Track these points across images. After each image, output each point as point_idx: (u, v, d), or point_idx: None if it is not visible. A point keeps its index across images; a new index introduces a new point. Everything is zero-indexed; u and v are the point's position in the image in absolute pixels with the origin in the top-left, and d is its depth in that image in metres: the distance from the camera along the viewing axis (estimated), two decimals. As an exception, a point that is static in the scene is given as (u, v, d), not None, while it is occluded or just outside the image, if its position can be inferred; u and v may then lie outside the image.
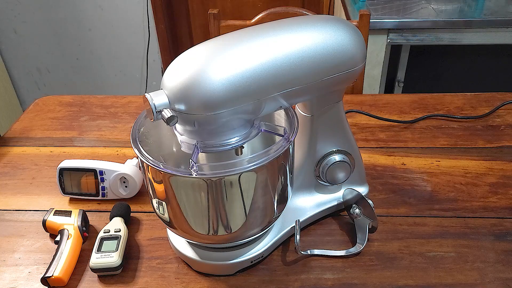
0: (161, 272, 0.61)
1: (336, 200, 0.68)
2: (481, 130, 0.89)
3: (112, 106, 1.02)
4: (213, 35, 1.14)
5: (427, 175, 0.77)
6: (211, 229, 0.54)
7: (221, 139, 0.49)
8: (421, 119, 0.92)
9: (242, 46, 0.47)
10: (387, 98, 1.01)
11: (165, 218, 0.56)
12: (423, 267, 0.60)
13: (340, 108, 0.61)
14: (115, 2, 2.20)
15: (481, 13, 1.57)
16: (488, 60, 1.81)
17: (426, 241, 0.64)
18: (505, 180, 0.75)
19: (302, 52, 0.48)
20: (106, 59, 2.38)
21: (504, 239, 0.64)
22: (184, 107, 0.45)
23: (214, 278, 0.60)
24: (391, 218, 0.68)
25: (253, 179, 0.51)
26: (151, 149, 0.53)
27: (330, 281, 0.59)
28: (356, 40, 0.52)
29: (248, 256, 0.60)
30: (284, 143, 0.51)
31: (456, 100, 0.99)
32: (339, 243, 0.65)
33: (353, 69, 0.53)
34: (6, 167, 0.83)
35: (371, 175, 0.77)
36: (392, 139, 0.87)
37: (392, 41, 1.55)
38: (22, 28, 2.28)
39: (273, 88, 0.48)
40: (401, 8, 1.60)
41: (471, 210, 0.69)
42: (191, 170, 0.47)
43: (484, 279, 0.58)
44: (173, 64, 0.47)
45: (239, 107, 0.46)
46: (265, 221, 0.57)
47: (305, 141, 0.63)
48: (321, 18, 0.53)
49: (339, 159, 0.63)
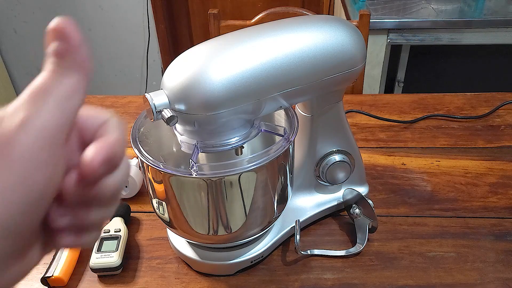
0: (161, 272, 0.61)
1: (336, 200, 0.68)
2: (481, 130, 0.89)
3: (112, 106, 1.02)
4: (213, 35, 1.14)
5: (427, 175, 0.77)
6: (211, 229, 0.54)
7: (221, 139, 0.49)
8: (421, 119, 0.92)
9: (242, 46, 0.47)
10: (387, 98, 1.01)
11: (165, 218, 0.56)
12: (423, 267, 0.60)
13: (340, 108, 0.61)
14: (115, 2, 2.20)
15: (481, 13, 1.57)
16: (488, 60, 1.81)
17: (426, 241, 0.64)
18: (505, 180, 0.75)
19: (302, 52, 0.48)
20: (106, 59, 2.38)
21: (504, 239, 0.64)
22: (184, 107, 0.45)
23: (214, 278, 0.60)
24: (391, 218, 0.68)
25: (253, 179, 0.51)
26: (151, 149, 0.53)
27: (330, 281, 0.59)
28: (356, 40, 0.52)
29: (248, 256, 0.60)
30: (284, 143, 0.51)
31: (456, 100, 0.99)
32: (339, 243, 0.65)
33: (353, 69, 0.53)
34: (6, 167, 0.83)
35: (371, 175, 0.77)
36: (392, 139, 0.87)
37: (392, 41, 1.55)
38: (22, 28, 2.29)
39: (273, 88, 0.48)
40: (401, 8, 1.61)
41: (471, 210, 0.69)
42: (191, 170, 0.47)
43: (484, 279, 0.58)
44: (173, 64, 0.47)
45: (239, 107, 0.46)
46: (265, 221, 0.57)
47: (305, 141, 0.63)
48: (321, 18, 0.53)
49: (339, 159, 0.63)
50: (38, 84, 0.20)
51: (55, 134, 0.20)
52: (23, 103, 0.20)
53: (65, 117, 0.20)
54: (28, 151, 0.19)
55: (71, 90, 0.21)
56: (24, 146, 0.19)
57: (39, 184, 0.19)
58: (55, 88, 0.20)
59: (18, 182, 0.19)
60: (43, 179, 0.20)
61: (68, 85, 0.21)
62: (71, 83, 0.21)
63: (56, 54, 0.20)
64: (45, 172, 0.20)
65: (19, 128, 0.19)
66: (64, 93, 0.20)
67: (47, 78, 0.20)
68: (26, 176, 0.19)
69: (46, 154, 0.19)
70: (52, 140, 0.20)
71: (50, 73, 0.20)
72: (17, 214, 0.19)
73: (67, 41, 0.20)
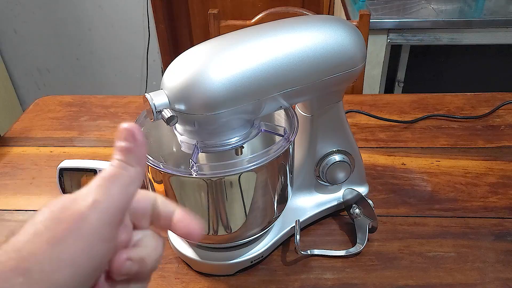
0: (161, 272, 0.61)
1: (336, 200, 0.68)
2: (481, 130, 0.89)
3: (112, 106, 1.02)
4: (213, 35, 1.14)
5: (427, 175, 0.77)
6: (211, 229, 0.54)
7: (221, 139, 0.49)
8: (421, 119, 0.92)
9: (242, 46, 0.47)
10: (387, 98, 1.01)
11: (165, 218, 0.56)
12: (423, 267, 0.60)
13: (340, 108, 0.61)
14: (115, 2, 2.20)
15: (481, 13, 1.57)
16: (488, 60, 1.81)
17: (426, 241, 0.64)
18: (505, 180, 0.75)
19: (302, 52, 0.48)
20: (106, 59, 2.38)
21: (504, 239, 0.64)
22: (184, 107, 0.45)
23: (214, 278, 0.60)
24: (391, 218, 0.68)
25: (253, 179, 0.51)
26: (151, 149, 0.53)
27: (330, 281, 0.59)
28: (356, 40, 0.52)
29: (248, 256, 0.60)
30: (284, 143, 0.51)
31: (456, 100, 0.99)
32: (339, 243, 0.65)
33: (353, 69, 0.53)
34: (6, 167, 0.83)
35: (371, 175, 0.77)
36: (392, 139, 0.87)
37: (392, 41, 1.55)
38: (22, 28, 2.28)
39: (273, 88, 0.48)
40: (401, 8, 1.61)
41: (471, 210, 0.69)
42: (191, 170, 0.47)
43: (484, 279, 0.58)
44: (173, 64, 0.47)
45: (239, 107, 0.46)
46: (265, 221, 0.57)
47: (305, 141, 0.63)
48: (321, 18, 0.53)
49: (339, 159, 0.63)
50: (107, 172, 0.25)
51: (117, 214, 0.25)
52: (94, 187, 0.24)
53: (125, 201, 0.25)
54: (96, 226, 0.23)
55: (131, 180, 0.26)
56: (93, 222, 0.23)
57: (100, 255, 0.24)
58: (120, 177, 0.25)
59: (86, 251, 0.23)
60: (103, 251, 0.24)
61: (129, 175, 0.26)
62: (132, 173, 0.26)
63: (124, 150, 0.26)
64: (106, 245, 0.24)
65: (91, 208, 0.23)
66: (126, 182, 0.26)
67: (114, 169, 0.26)
68: (92, 247, 0.23)
69: (108, 230, 0.24)
70: (113, 218, 0.24)
71: (117, 165, 0.26)
72: (82, 276, 0.23)
73: (134, 142, 0.26)
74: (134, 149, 0.26)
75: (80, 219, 0.23)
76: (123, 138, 0.26)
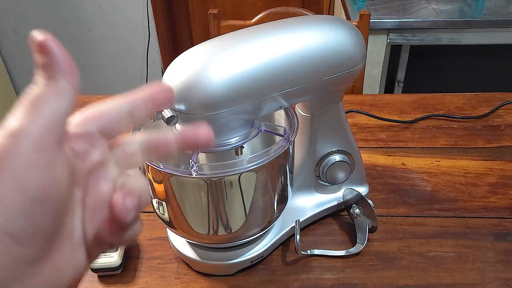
0: (161, 272, 0.61)
1: (336, 200, 0.68)
2: (481, 130, 0.89)
3: (112, 106, 1.02)
4: (213, 35, 1.14)
5: (427, 175, 0.77)
6: (211, 229, 0.54)
7: (221, 139, 0.49)
8: (421, 119, 0.92)
9: (242, 46, 0.47)
10: (387, 98, 1.01)
11: (165, 218, 0.56)
12: (423, 267, 0.60)
13: (340, 108, 0.61)
14: (115, 2, 2.20)
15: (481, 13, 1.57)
16: (488, 60, 1.81)
17: (426, 241, 0.64)
18: (505, 180, 0.75)
19: (302, 52, 0.48)
20: (106, 59, 2.38)
21: (504, 239, 0.64)
22: (184, 107, 0.45)
23: (214, 278, 0.60)
24: (391, 218, 0.68)
25: (253, 179, 0.51)
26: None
27: (330, 281, 0.59)
28: (356, 40, 0.52)
29: (248, 256, 0.60)
30: (284, 143, 0.51)
31: (456, 100, 0.99)
32: (339, 243, 0.65)
33: (353, 69, 0.53)
34: (6, 167, 0.83)
35: (371, 175, 0.77)
36: (392, 139, 0.87)
37: (392, 41, 1.55)
38: (22, 28, 2.29)
39: (273, 88, 0.48)
40: (401, 8, 1.61)
41: (471, 210, 0.69)
42: (191, 170, 0.47)
43: (484, 279, 0.58)
44: (173, 64, 0.47)
45: (239, 107, 0.46)
46: (265, 221, 0.57)
47: (305, 141, 0.63)
48: (321, 18, 0.53)
49: (339, 159, 0.63)
50: (29, 95, 0.23)
51: (47, 136, 0.22)
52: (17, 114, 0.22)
53: (51, 121, 0.22)
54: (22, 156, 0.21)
55: (58, 96, 0.23)
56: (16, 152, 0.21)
57: (33, 186, 0.21)
58: (43, 97, 0.22)
59: (10, 186, 0.20)
60: (36, 181, 0.21)
61: (55, 92, 0.23)
62: (57, 89, 0.23)
63: (41, 66, 0.23)
64: (44, 170, 0.21)
65: (8, 138, 0.21)
66: (49, 99, 0.23)
67: (36, 89, 0.23)
68: (18, 179, 0.21)
69: (40, 155, 0.21)
70: (42, 142, 0.22)
71: (39, 83, 0.23)
72: (15, 217, 0.20)
73: (48, 54, 0.23)
74: (52, 62, 0.23)
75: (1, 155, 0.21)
76: (36, 52, 0.23)
